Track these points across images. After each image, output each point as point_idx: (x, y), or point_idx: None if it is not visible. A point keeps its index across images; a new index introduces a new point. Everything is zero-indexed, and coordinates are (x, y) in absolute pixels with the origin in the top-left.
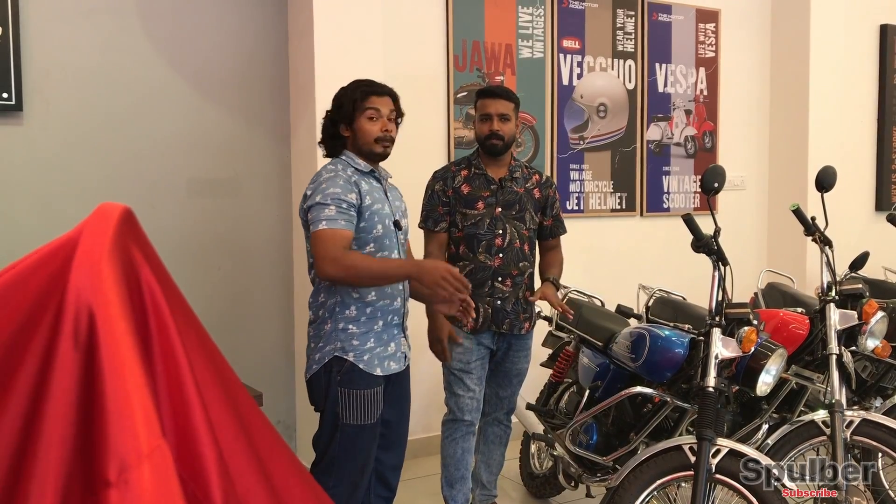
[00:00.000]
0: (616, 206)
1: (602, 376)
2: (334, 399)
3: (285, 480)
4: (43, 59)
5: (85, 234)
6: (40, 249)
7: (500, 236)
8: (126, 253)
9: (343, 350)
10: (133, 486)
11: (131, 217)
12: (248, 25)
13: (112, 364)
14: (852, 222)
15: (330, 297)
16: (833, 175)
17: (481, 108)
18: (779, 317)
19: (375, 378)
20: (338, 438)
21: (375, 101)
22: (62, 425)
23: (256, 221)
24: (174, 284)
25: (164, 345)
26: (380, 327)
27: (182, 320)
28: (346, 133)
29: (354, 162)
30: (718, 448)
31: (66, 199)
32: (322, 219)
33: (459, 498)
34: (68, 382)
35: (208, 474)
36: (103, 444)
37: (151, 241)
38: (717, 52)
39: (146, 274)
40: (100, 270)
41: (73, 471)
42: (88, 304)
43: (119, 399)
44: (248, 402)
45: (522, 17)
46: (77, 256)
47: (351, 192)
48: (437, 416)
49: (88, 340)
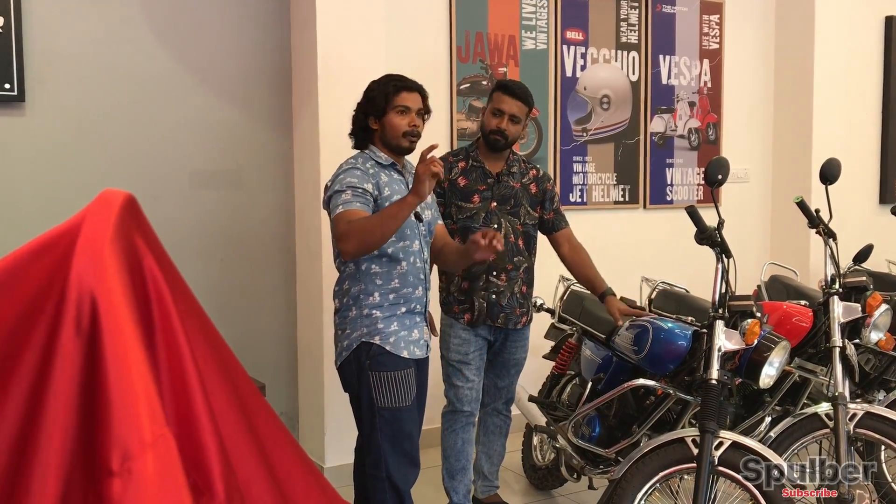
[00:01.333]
0: (619, 199)
1: (604, 369)
2: (367, 384)
3: (287, 469)
4: (45, 50)
5: (87, 220)
6: (42, 236)
7: (494, 231)
8: (129, 240)
9: (369, 335)
10: (136, 475)
11: (134, 204)
12: (250, 16)
13: (115, 352)
14: (856, 215)
15: (353, 284)
16: (837, 167)
17: (497, 101)
18: (782, 309)
19: (404, 360)
20: (378, 425)
21: (406, 97)
22: (64, 413)
23: (259, 212)
24: (177, 272)
25: (167, 333)
26: (402, 313)
27: (185, 308)
28: (375, 126)
29: (375, 155)
30: (721, 441)
31: (68, 190)
32: (339, 204)
33: (461, 489)
34: (71, 370)
35: (210, 463)
36: (106, 433)
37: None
38: (721, 43)
39: (149, 261)
40: (102, 258)
41: (75, 459)
42: (91, 291)
43: (122, 387)
44: (251, 392)
45: (526, 8)
46: (79, 243)
47: (367, 182)
48: (436, 408)
49: (91, 328)
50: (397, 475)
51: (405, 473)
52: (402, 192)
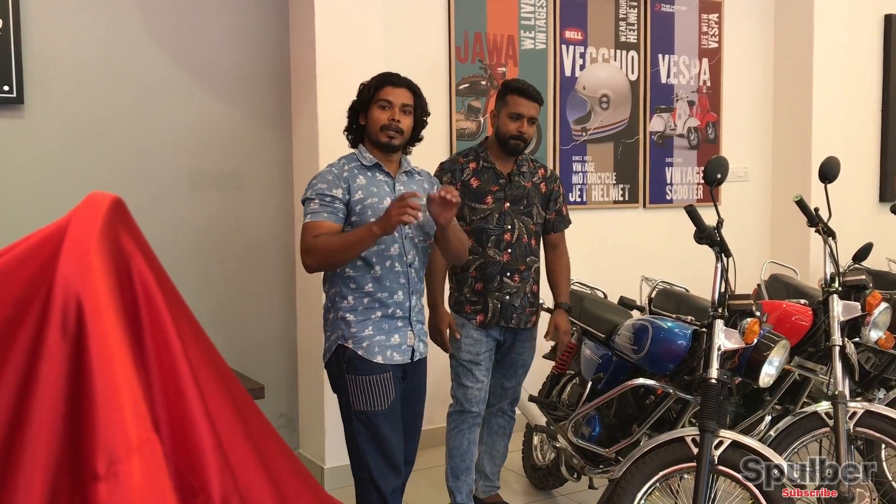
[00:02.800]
0: (619, 198)
1: (604, 368)
2: (345, 387)
3: (280, 471)
4: (44, 52)
5: (73, 223)
6: (28, 238)
7: (508, 231)
8: (116, 242)
9: (344, 338)
10: (122, 479)
11: (121, 206)
12: (249, 17)
13: (100, 355)
14: (856, 213)
15: (331, 287)
16: (837, 166)
17: (514, 105)
18: (782, 308)
19: (380, 365)
20: (357, 428)
21: (389, 91)
22: (50, 417)
23: (258, 214)
24: (166, 275)
25: (158, 335)
26: (378, 317)
27: (176, 311)
28: (363, 122)
29: (361, 156)
30: (721, 440)
31: (66, 192)
32: (307, 213)
33: (464, 489)
34: (56, 373)
35: (206, 465)
36: (92, 437)
37: (153, 234)
38: (721, 42)
39: (138, 264)
40: (88, 260)
41: (61, 463)
42: (76, 293)
43: (108, 391)
44: (242, 394)
45: (524, 7)
46: (65, 246)
47: (338, 186)
48: (439, 408)
49: (77, 331)
50: (379, 479)
51: (385, 476)
52: (383, 194)
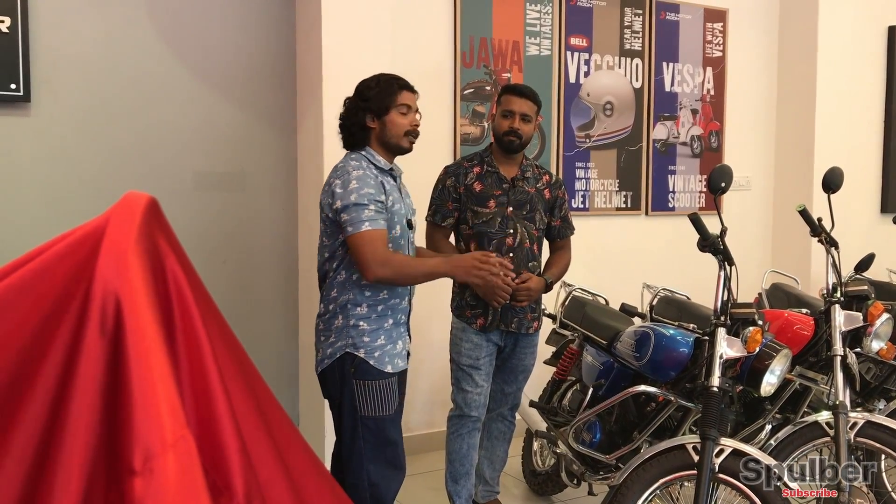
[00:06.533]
0: (621, 205)
1: (606, 375)
2: (351, 393)
3: (302, 471)
4: (51, 51)
5: (111, 222)
6: (66, 236)
7: (510, 236)
8: (152, 242)
9: (354, 346)
10: (157, 474)
11: (156, 207)
12: (255, 19)
13: (138, 352)
14: (858, 224)
15: (342, 293)
16: (840, 176)
17: (505, 103)
18: (784, 317)
19: (388, 373)
20: (361, 434)
21: (408, 97)
22: (88, 413)
23: (262, 215)
24: (197, 275)
25: (189, 334)
26: (389, 325)
27: (205, 310)
28: (373, 125)
29: (375, 159)
30: (722, 448)
31: (73, 190)
32: (364, 220)
33: (463, 494)
34: (94, 370)
35: (230, 464)
36: (128, 433)
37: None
38: (725, 51)
39: (171, 263)
40: (126, 259)
41: (98, 458)
42: (115, 292)
43: (144, 388)
44: (266, 393)
45: (530, 14)
46: (104, 245)
47: (381, 192)
48: (439, 412)
49: (115, 329)
50: (381, 483)
51: (389, 479)
52: (399, 200)
